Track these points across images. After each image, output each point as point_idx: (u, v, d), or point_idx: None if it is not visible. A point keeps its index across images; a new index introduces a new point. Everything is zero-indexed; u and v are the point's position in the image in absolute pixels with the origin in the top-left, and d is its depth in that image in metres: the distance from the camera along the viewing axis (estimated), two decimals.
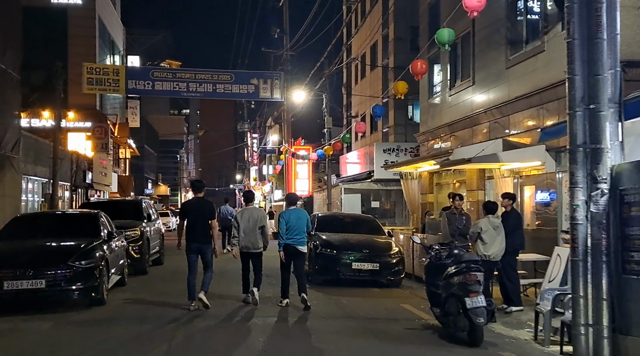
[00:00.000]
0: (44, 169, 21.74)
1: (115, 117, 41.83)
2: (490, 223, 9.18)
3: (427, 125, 17.95)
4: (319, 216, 14.79)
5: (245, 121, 68.49)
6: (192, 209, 9.89)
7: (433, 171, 17.43)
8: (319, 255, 12.91)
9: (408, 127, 25.60)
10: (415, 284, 13.30)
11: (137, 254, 14.30)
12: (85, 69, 19.80)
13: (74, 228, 11.00)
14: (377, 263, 12.58)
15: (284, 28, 32.23)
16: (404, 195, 18.64)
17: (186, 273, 10.00)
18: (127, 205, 16.43)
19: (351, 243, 13.09)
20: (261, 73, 21.31)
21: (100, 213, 11.67)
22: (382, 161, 24.33)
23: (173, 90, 20.48)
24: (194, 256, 9.84)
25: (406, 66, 25.38)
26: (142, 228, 14.74)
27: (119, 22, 47.06)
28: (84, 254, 9.70)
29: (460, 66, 15.36)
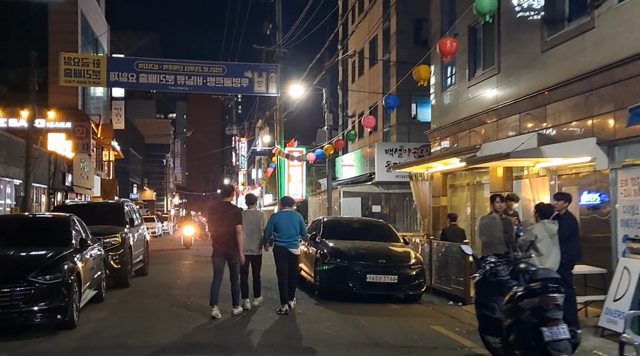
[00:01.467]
0: (17, 170, 19.84)
1: (99, 118, 39.88)
2: (547, 230, 7.53)
3: (439, 121, 16.33)
4: (324, 220, 13.09)
5: (233, 124, 66.60)
6: (217, 214, 9.55)
7: (447, 171, 15.81)
8: (326, 266, 11.20)
9: (412, 126, 24.02)
10: (435, 298, 11.64)
11: (117, 265, 12.51)
12: (63, 59, 17.95)
13: (40, 235, 9.21)
14: (395, 275, 10.90)
15: (277, 24, 30.61)
16: (414, 198, 17.01)
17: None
18: (107, 209, 14.61)
19: (364, 252, 11.40)
20: (256, 65, 19.57)
21: (72, 217, 9.88)
22: (384, 162, 22.78)
23: (159, 83, 18.69)
24: (221, 260, 9.44)
25: (409, 61, 23.99)
26: (124, 235, 12.96)
27: (103, 20, 45.15)
28: (49, 267, 7.93)
29: (482, 53, 13.77)
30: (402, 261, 11.19)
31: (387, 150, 22.91)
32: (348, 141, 17.73)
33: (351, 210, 23.13)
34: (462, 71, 14.78)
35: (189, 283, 13.65)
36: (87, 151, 29.14)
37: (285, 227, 9.89)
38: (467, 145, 14.14)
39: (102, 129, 39.64)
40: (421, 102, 24.01)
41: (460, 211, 15.82)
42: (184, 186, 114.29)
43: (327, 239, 12.13)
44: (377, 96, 26.26)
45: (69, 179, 27.31)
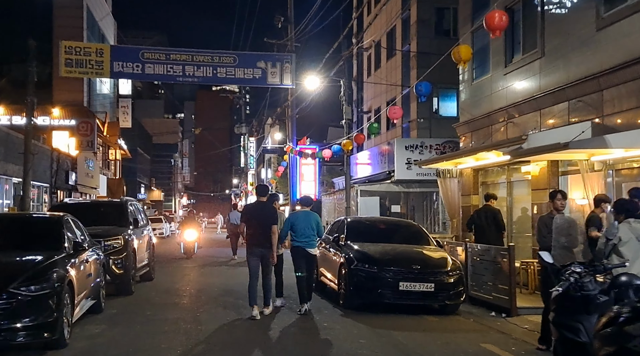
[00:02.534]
0: (16, 168, 18.71)
1: (105, 115, 38.81)
2: (633, 231, 6.22)
3: (469, 113, 15.03)
4: (347, 221, 11.81)
5: (242, 123, 65.38)
6: (253, 213, 9.52)
7: (478, 167, 14.51)
8: (354, 272, 9.93)
9: (433, 121, 22.70)
10: (474, 309, 10.34)
11: (119, 270, 11.30)
12: (64, 48, 16.75)
13: (27, 238, 7.99)
14: (431, 283, 9.62)
15: (289, 16, 29.42)
16: (442, 197, 15.71)
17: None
18: (109, 208, 13.38)
19: (395, 256, 10.12)
20: (269, 55, 18.30)
21: (66, 217, 8.66)
22: (404, 159, 21.51)
23: (166, 74, 17.43)
24: (256, 260, 9.36)
25: (431, 51, 22.68)
26: (127, 237, 11.75)
27: (110, 16, 44.15)
28: (35, 276, 6.71)
29: (522, 35, 12.46)
30: (439, 266, 9.91)
31: (407, 146, 21.63)
32: (371, 135, 16.42)
33: (369, 210, 21.85)
34: (497, 57, 13.47)
35: (198, 290, 12.42)
36: (92, 148, 28.01)
37: (302, 227, 9.80)
38: (503, 138, 12.84)
39: (108, 127, 38.57)
40: (443, 96, 22.72)
41: None
42: (192, 187, 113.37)
43: (352, 241, 10.87)
44: (395, 90, 24.99)
45: (72, 178, 26.20)
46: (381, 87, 26.88)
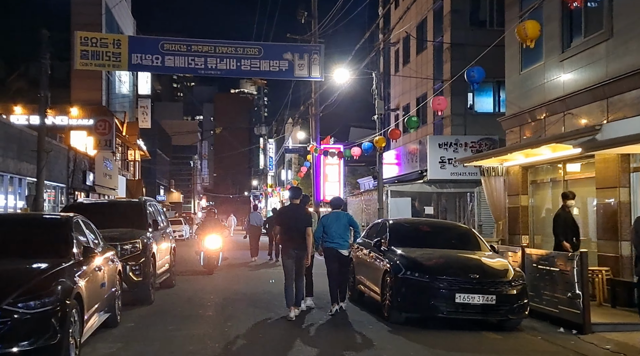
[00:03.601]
0: (30, 167, 17.78)
1: (124, 115, 38.05)
2: None
3: (517, 106, 13.74)
4: (390, 223, 10.58)
5: (262, 124, 64.50)
6: (288, 215, 9.61)
7: (527, 165, 13.22)
8: (402, 282, 8.71)
9: (468, 118, 21.38)
10: (536, 323, 9.07)
11: (137, 277, 10.21)
12: (79, 39, 15.72)
13: (30, 242, 6.89)
14: (492, 295, 8.37)
15: (312, 11, 28.30)
16: (486, 197, 14.44)
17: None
18: (126, 209, 12.29)
19: (450, 263, 8.89)
20: (297, 46, 17.13)
21: (76, 219, 7.55)
22: (438, 158, 20.26)
23: (187, 66, 16.32)
24: (291, 262, 9.34)
25: (466, 43, 21.40)
26: (145, 240, 10.65)
27: (129, 14, 43.45)
28: (36, 289, 5.62)
29: (584, 16, 11.14)
30: (500, 276, 8.65)
31: (440, 144, 20.37)
32: (410, 129, 15.18)
33: (400, 211, 20.59)
34: (552, 42, 12.16)
35: (224, 299, 11.27)
36: (110, 148, 27.11)
37: (334, 228, 9.82)
38: (559, 130, 11.54)
39: (127, 127, 37.79)
40: (479, 91, 21.37)
41: (545, 212, 13.22)
42: (210, 189, 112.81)
43: (397, 246, 9.66)
44: (426, 85, 23.73)
45: (90, 178, 25.31)
46: (410, 83, 25.63)
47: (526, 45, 8.38)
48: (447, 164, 20.33)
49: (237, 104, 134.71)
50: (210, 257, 15.54)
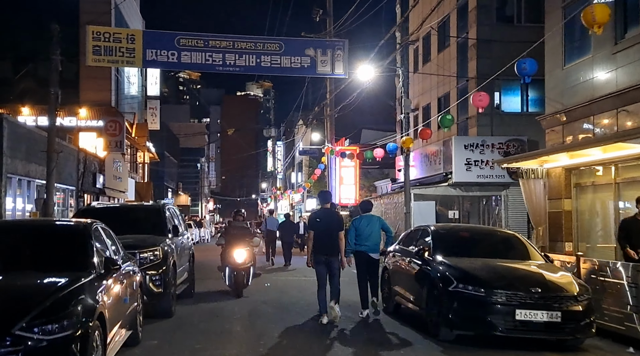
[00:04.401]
0: (39, 169, 16.99)
1: (133, 117, 37.33)
2: None
3: (560, 103, 12.85)
4: (432, 230, 9.69)
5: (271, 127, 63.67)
6: (320, 220, 9.42)
7: (571, 166, 12.33)
8: (454, 296, 7.83)
9: (495, 118, 20.48)
10: (599, 341, 8.18)
11: (157, 288, 9.36)
12: (91, 34, 14.95)
13: (46, 253, 6.07)
14: (557, 311, 7.48)
15: (327, 9, 27.52)
16: (525, 201, 13.53)
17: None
18: (144, 213, 11.48)
19: (506, 275, 8.01)
20: (319, 41, 16.34)
21: (96, 226, 6.72)
22: (463, 160, 19.44)
23: (204, 63, 15.51)
24: (323, 268, 9.34)
25: (493, 39, 20.51)
26: (166, 247, 9.81)
27: (138, 15, 42.76)
28: (53, 310, 4.79)
29: None
30: (564, 290, 7.75)
31: (466, 145, 19.53)
32: (444, 128, 14.30)
33: (423, 216, 19.69)
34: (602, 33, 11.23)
35: (249, 311, 10.41)
36: (121, 149, 26.31)
37: (366, 232, 9.84)
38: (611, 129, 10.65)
39: (136, 129, 37.09)
40: (506, 90, 20.54)
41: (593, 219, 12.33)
42: (218, 192, 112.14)
43: (442, 255, 8.80)
44: (449, 84, 22.85)
45: (100, 180, 24.53)
46: (430, 83, 24.76)
47: (591, 32, 7.54)
48: (473, 166, 19.49)
49: (244, 107, 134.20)
50: (238, 273, 12.03)
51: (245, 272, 12.04)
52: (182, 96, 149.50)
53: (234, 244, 12.18)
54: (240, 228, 12.72)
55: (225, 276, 12.20)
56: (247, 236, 12.61)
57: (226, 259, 12.17)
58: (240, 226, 12.84)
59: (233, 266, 11.98)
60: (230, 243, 12.30)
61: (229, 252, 12.14)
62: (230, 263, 12.02)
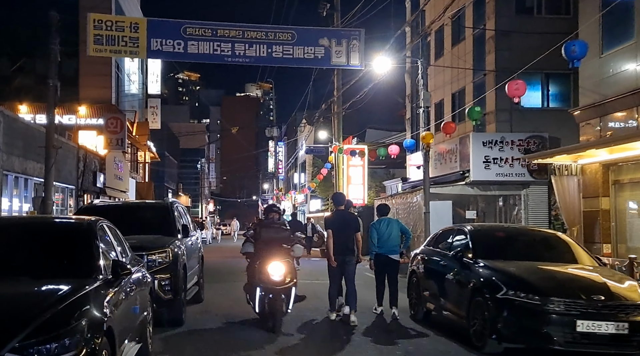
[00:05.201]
0: (38, 166, 16.10)
1: (134, 114, 36.47)
2: None
3: (597, 94, 11.98)
4: (469, 230, 8.79)
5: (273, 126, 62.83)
6: (336, 222, 9.41)
7: (610, 162, 11.46)
8: (504, 304, 6.96)
9: (514, 113, 19.62)
10: None
11: (167, 294, 8.48)
12: (92, 22, 14.04)
13: (45, 257, 5.15)
14: (624, 322, 6.60)
15: (335, 3, 26.68)
16: (557, 199, 12.69)
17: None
18: (151, 212, 10.57)
19: (562, 281, 7.14)
20: (334, 31, 15.49)
21: (101, 224, 5.82)
22: (482, 157, 18.53)
23: (213, 53, 14.58)
24: (337, 270, 9.31)
25: (512, 30, 19.64)
26: (175, 249, 8.92)
27: (138, 10, 41.93)
28: (53, 325, 3.92)
29: None
30: (630, 298, 6.87)
31: (484, 142, 18.61)
32: (472, 121, 13.40)
33: (439, 217, 18.76)
34: None
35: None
36: (122, 147, 25.43)
37: (386, 235, 9.83)
38: None
39: (137, 127, 36.23)
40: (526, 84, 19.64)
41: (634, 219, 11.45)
42: (218, 193, 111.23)
43: (484, 258, 7.92)
44: (465, 79, 21.98)
45: (100, 179, 23.63)
46: (444, 78, 23.90)
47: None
48: (492, 163, 18.62)
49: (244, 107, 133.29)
50: (274, 297, 8.42)
51: (285, 294, 8.50)
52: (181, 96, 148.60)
53: (267, 255, 8.64)
54: (275, 230, 9.14)
55: (255, 300, 8.61)
56: (285, 241, 9.04)
57: (256, 275, 8.66)
58: (276, 228, 9.22)
59: (267, 286, 8.45)
60: (262, 253, 8.78)
61: (261, 265, 8.58)
62: (262, 281, 8.48)
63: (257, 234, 9.14)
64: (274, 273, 8.46)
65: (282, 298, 8.44)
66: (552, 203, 18.84)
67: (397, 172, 34.00)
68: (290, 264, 8.68)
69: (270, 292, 8.41)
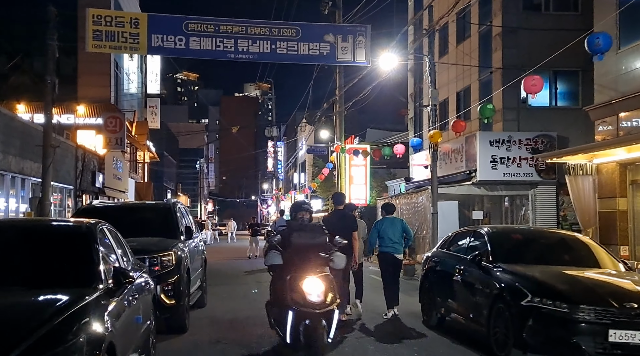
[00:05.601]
0: (35, 166, 15.69)
1: (133, 114, 36.02)
2: None
3: (614, 91, 11.59)
4: (487, 232, 8.37)
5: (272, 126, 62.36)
6: (334, 222, 9.16)
7: (627, 161, 11.06)
8: (528, 311, 6.55)
9: (522, 112, 19.24)
10: None
11: (170, 300, 8.06)
12: (91, 17, 13.62)
13: (41, 263, 4.72)
14: None
15: (337, 2, 26.24)
16: (572, 200, 12.28)
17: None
18: (153, 213, 10.15)
19: (591, 287, 6.72)
20: (339, 27, 15.09)
21: (101, 227, 5.40)
22: (488, 157, 18.24)
23: (215, 49, 14.17)
24: None
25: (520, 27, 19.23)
26: (179, 252, 8.50)
27: (137, 8, 41.47)
28: (48, 342, 3.48)
29: None
30: None
31: (491, 141, 18.32)
32: (484, 119, 13.01)
33: (445, 217, 18.41)
34: None
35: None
36: (121, 146, 25.00)
37: (389, 234, 9.87)
38: None
39: (136, 127, 35.79)
40: None
41: None
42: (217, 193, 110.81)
43: (506, 262, 7.51)
44: (470, 77, 21.60)
45: (99, 179, 23.21)
46: (448, 76, 23.50)
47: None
48: (499, 163, 18.28)
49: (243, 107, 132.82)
50: (313, 323, 6.33)
51: (327, 319, 6.39)
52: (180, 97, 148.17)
53: (301, 267, 6.58)
54: (309, 234, 7.00)
55: (286, 327, 6.36)
56: (322, 248, 6.92)
57: (287, 294, 6.45)
58: (311, 231, 7.06)
59: (302, 309, 6.32)
60: (294, 265, 6.66)
61: (293, 282, 6.47)
62: (296, 302, 6.35)
63: (285, 241, 6.94)
64: (311, 291, 6.32)
65: (323, 325, 6.29)
66: (561, 204, 18.50)
67: (399, 173, 33.63)
68: (331, 279, 6.58)
69: (306, 317, 6.26)
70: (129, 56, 37.78)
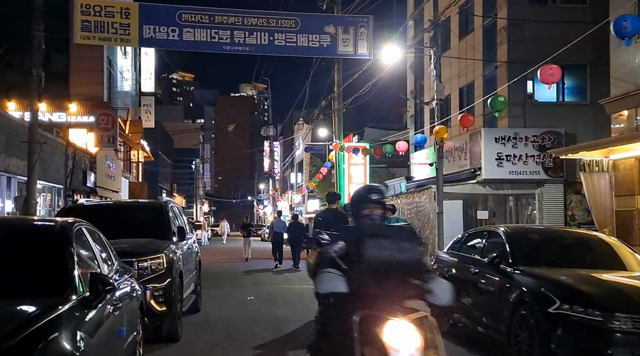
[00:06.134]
0: (22, 163, 14.98)
1: (127, 112, 35.28)
2: None
3: (632, 83, 10.98)
4: (505, 232, 7.72)
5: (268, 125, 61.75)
6: (327, 220, 9.24)
7: None
8: (556, 320, 5.93)
9: (528, 108, 18.63)
10: None
11: (161, 306, 7.39)
12: (80, 7, 12.97)
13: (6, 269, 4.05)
14: None
15: None
16: (587, 198, 11.65)
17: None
18: (143, 212, 9.49)
19: (625, 293, 6.10)
20: (340, 17, 14.45)
21: (80, 227, 4.72)
22: (494, 154, 17.64)
23: (210, 41, 13.56)
24: None
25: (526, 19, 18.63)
26: (170, 255, 7.84)
27: None
28: None
29: None
30: None
31: (497, 138, 17.72)
32: (495, 112, 12.35)
33: (448, 217, 17.78)
34: None
35: (273, 332, 8.43)
36: (114, 145, 24.29)
37: None
38: None
39: (130, 126, 35.04)
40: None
41: None
42: (212, 193, 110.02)
43: (528, 265, 6.88)
44: (473, 73, 20.98)
45: (91, 178, 22.50)
46: (450, 72, 22.87)
47: None
48: (505, 161, 17.67)
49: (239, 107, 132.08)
50: None
51: None
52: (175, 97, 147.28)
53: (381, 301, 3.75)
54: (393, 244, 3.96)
55: None
56: (414, 268, 3.94)
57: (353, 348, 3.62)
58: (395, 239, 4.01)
59: None
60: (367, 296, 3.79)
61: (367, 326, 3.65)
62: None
63: (352, 253, 3.94)
64: (399, 346, 3.55)
65: None
66: (569, 203, 17.91)
67: (398, 172, 33.03)
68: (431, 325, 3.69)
69: None
70: (123, 53, 37.08)
